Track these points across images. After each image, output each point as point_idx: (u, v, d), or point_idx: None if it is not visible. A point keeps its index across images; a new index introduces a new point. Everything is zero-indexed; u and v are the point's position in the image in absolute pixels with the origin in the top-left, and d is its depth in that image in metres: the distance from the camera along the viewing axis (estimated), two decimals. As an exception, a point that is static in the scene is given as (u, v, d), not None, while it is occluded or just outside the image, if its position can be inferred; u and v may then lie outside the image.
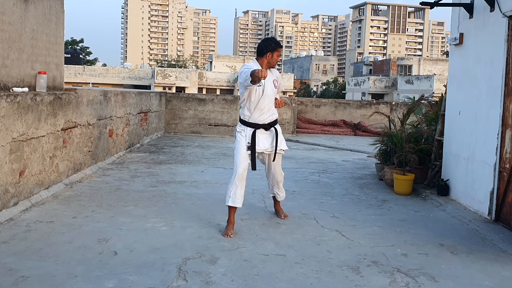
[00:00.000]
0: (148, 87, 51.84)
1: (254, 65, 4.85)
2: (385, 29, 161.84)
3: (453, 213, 5.93)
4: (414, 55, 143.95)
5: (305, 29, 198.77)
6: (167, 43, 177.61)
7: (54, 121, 5.97)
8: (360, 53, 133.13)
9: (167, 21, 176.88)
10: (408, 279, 3.83)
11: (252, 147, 4.84)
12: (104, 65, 69.83)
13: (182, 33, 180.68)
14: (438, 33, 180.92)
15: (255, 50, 5.18)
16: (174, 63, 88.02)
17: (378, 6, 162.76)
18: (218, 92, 53.70)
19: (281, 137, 5.08)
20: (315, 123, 16.37)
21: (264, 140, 4.96)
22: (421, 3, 6.78)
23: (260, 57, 4.91)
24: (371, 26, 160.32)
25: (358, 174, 8.51)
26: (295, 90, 61.39)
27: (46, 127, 5.74)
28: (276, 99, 5.00)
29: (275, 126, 5.04)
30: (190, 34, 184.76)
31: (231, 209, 4.82)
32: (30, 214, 5.03)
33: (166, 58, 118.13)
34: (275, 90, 5.00)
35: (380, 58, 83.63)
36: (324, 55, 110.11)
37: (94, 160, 7.63)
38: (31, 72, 6.39)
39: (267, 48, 4.87)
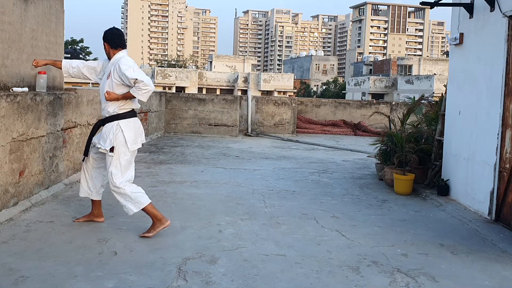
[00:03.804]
0: (148, 87, 51.65)
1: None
2: (385, 29, 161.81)
3: (453, 213, 5.93)
4: (414, 55, 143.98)
5: (305, 29, 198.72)
6: (167, 43, 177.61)
7: (54, 121, 5.97)
8: (360, 53, 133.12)
9: (167, 21, 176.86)
10: (408, 279, 3.82)
11: (90, 137, 4.75)
12: (104, 65, 69.64)
13: (182, 33, 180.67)
14: (438, 33, 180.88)
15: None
16: (174, 63, 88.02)
17: (378, 6, 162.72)
18: (218, 92, 53.73)
19: (107, 135, 4.53)
20: (315, 123, 16.38)
21: (98, 135, 4.71)
22: (421, 3, 6.78)
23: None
24: (371, 26, 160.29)
25: (358, 174, 8.51)
26: (295, 90, 61.40)
27: (46, 127, 5.74)
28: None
29: (113, 123, 4.56)
30: (190, 34, 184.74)
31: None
32: (30, 214, 5.02)
33: (166, 58, 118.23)
34: (109, 83, 4.56)
35: (380, 58, 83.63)
36: (324, 55, 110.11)
37: (94, 160, 7.62)
38: (31, 72, 6.39)
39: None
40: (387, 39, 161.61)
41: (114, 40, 4.64)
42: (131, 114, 4.65)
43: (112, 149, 4.49)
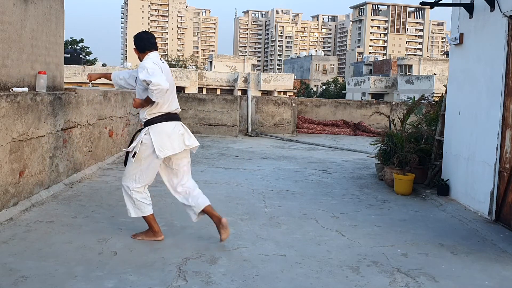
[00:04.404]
0: (148, 87, 51.66)
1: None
2: (385, 29, 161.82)
3: (453, 213, 5.93)
4: (414, 55, 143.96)
5: (305, 29, 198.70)
6: (167, 43, 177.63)
7: (54, 121, 5.97)
8: (360, 53, 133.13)
9: (167, 21, 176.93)
10: (408, 279, 3.83)
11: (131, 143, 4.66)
12: (104, 65, 69.64)
13: (182, 33, 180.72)
14: (438, 33, 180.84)
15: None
16: (174, 63, 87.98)
17: (378, 6, 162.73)
18: (218, 92, 53.72)
19: (137, 139, 4.45)
20: (315, 123, 16.37)
21: None
22: (421, 3, 6.78)
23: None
24: (371, 26, 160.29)
25: (358, 174, 8.51)
26: (295, 90, 61.40)
27: (46, 127, 5.74)
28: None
29: (145, 128, 4.44)
30: (190, 34, 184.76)
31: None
32: (30, 214, 5.02)
33: (166, 58, 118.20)
34: (137, 90, 4.54)
35: (380, 58, 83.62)
36: (324, 55, 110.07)
37: (94, 160, 7.63)
38: (31, 72, 6.39)
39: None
40: (387, 39, 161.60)
41: (139, 44, 4.49)
42: (164, 118, 4.38)
43: (134, 155, 4.35)
